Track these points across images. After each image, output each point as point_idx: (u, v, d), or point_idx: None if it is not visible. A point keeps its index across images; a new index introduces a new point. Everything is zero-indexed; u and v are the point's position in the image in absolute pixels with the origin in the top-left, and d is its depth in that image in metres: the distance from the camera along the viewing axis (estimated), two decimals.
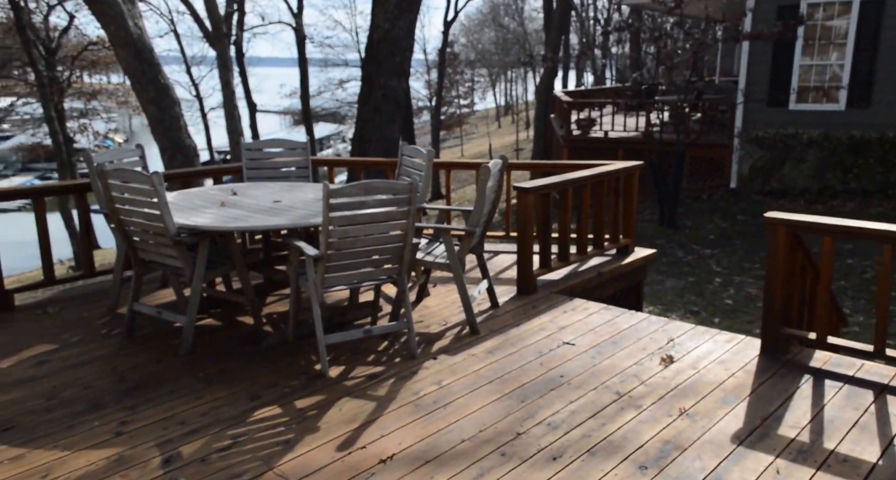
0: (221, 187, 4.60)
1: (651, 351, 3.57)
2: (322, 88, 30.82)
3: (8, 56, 25.36)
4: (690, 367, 3.39)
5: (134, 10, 9.86)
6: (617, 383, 3.21)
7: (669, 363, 3.42)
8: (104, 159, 4.32)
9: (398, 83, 7.18)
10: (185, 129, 10.58)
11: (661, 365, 3.40)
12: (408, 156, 4.66)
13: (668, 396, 3.08)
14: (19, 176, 38.02)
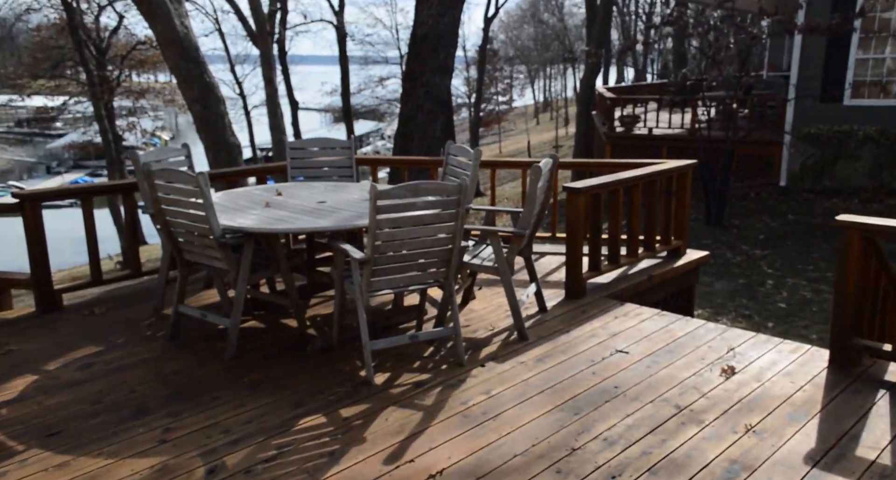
0: (266, 187, 4.53)
1: (710, 361, 3.36)
2: (362, 86, 30.95)
3: (61, 56, 26.11)
4: (754, 379, 3.17)
5: (180, 9, 9.95)
6: (676, 395, 3.02)
7: (731, 374, 3.21)
8: (150, 159, 4.29)
9: (441, 80, 7.04)
10: (229, 127, 10.65)
11: (723, 377, 3.19)
12: (453, 155, 4.52)
13: (732, 411, 2.88)
14: (71, 172, 39.24)
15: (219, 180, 5.06)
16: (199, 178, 3.37)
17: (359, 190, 4.42)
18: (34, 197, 4.06)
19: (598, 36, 15.17)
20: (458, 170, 4.45)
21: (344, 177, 5.04)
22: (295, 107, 23.99)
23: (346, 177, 5.04)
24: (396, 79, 30.79)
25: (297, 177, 4.98)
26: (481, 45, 27.71)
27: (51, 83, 28.19)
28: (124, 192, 4.54)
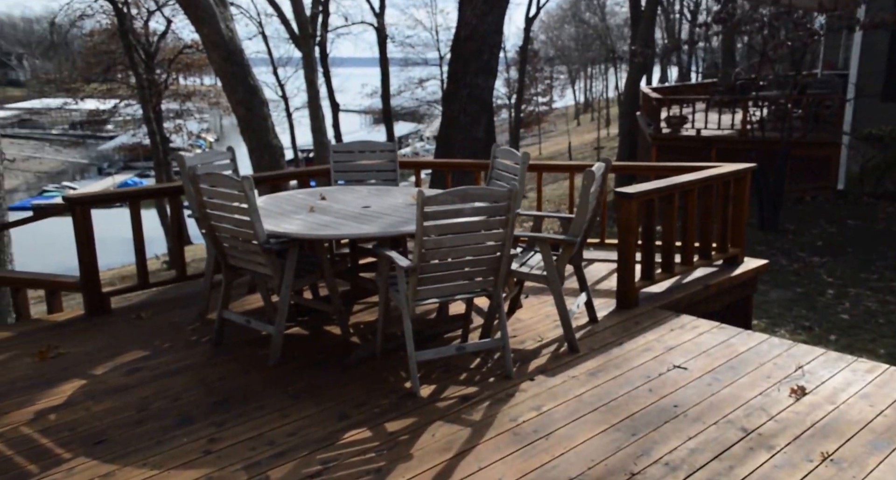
0: (310, 191, 4.49)
1: (778, 380, 3.15)
2: (402, 87, 31.04)
3: (112, 60, 26.92)
4: (827, 401, 2.95)
5: (226, 13, 10.07)
6: (741, 417, 2.83)
7: (801, 395, 3.00)
8: (196, 162, 4.29)
9: (485, 82, 6.92)
10: (272, 130, 10.74)
11: (792, 398, 2.98)
12: (500, 159, 4.39)
13: (805, 436, 2.67)
14: (121, 173, 40.46)
15: (263, 183, 5.04)
16: (244, 183, 3.32)
17: (403, 194, 4.33)
18: (84, 200, 4.10)
19: (644, 34, 14.81)
20: (504, 173, 4.33)
21: (387, 181, 4.96)
22: (336, 109, 24.17)
23: (389, 180, 4.96)
24: (436, 80, 30.80)
25: (339, 180, 4.93)
26: (522, 46, 27.47)
27: (103, 87, 29.11)
28: (170, 196, 4.56)
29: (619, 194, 3.93)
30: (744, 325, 4.20)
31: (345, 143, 4.96)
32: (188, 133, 33.94)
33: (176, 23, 24.15)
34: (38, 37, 45.85)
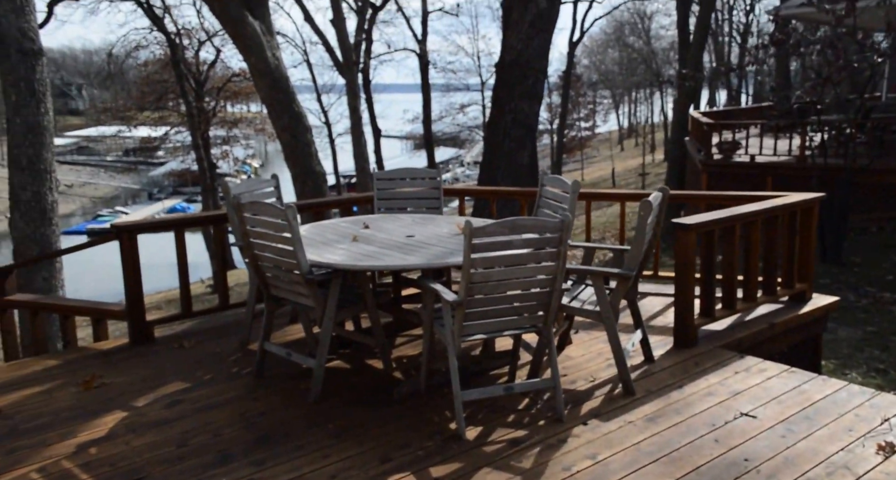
0: (353, 219, 4.43)
1: (861, 434, 2.89)
2: (443, 113, 31.29)
3: (164, 89, 27.99)
4: None
5: (272, 42, 10.29)
6: (822, 476, 2.58)
7: (890, 453, 2.73)
8: (241, 190, 4.29)
9: (530, 107, 6.83)
10: (315, 156, 10.86)
11: (880, 455, 2.71)
12: (548, 187, 4.26)
13: None
14: (170, 198, 41.80)
15: (306, 211, 5.02)
16: (287, 212, 3.28)
17: (447, 223, 4.24)
18: (130, 228, 4.13)
19: (695, 57, 14.55)
20: (553, 202, 4.19)
21: (431, 209, 4.88)
22: (378, 135, 24.48)
23: (433, 208, 4.87)
24: (477, 105, 30.96)
25: (382, 208, 4.88)
26: (565, 70, 27.42)
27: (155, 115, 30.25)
28: (215, 224, 4.57)
29: (677, 225, 3.74)
30: (812, 368, 3.92)
31: (388, 171, 4.92)
32: (234, 159, 34.89)
33: (225, 52, 24.99)
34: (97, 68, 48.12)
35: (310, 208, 5.07)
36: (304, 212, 5.04)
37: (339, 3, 15.49)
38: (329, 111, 27.23)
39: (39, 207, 5.68)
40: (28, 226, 5.68)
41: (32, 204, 5.64)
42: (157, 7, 22.24)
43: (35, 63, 5.43)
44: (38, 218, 5.70)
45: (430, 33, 24.57)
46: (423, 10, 23.75)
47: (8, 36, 5.31)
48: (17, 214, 5.66)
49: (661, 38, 34.95)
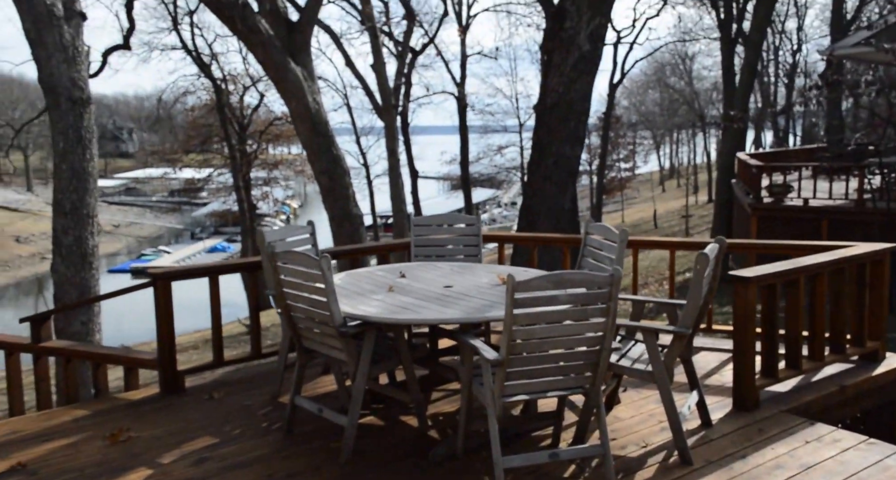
0: (389, 268, 4.33)
1: None
2: (481, 154, 31.46)
3: (209, 132, 28.99)
4: None
5: (314, 86, 10.51)
6: None
7: None
8: (275, 238, 4.24)
9: (572, 150, 6.72)
10: (352, 199, 10.92)
11: None
12: (594, 235, 4.09)
13: None
14: (211, 238, 42.81)
15: (342, 257, 4.95)
16: (322, 262, 3.19)
17: (487, 272, 4.09)
18: (166, 275, 4.10)
19: (740, 100, 14.31)
20: (598, 252, 4.02)
21: (469, 256, 4.75)
22: (415, 176, 24.69)
23: (471, 255, 4.74)
24: (515, 147, 31.07)
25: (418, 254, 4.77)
26: (605, 112, 27.40)
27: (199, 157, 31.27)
28: (249, 270, 4.52)
29: (736, 278, 3.52)
30: (891, 438, 3.58)
31: (426, 217, 4.83)
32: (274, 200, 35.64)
33: (268, 96, 25.79)
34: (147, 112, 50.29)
35: (347, 254, 5.00)
36: (339, 259, 4.97)
37: (380, 48, 15.86)
38: (367, 153, 27.65)
39: (80, 251, 5.75)
40: (68, 269, 5.75)
41: (74, 248, 5.72)
42: (206, 54, 23.22)
43: (83, 111, 5.59)
44: (79, 262, 5.77)
45: (468, 76, 24.96)
46: (461, 53, 24.18)
47: (59, 85, 5.49)
48: (58, 258, 5.74)
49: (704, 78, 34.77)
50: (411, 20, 19.92)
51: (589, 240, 4.13)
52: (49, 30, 5.39)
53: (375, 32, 15.49)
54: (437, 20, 23.13)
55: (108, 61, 15.71)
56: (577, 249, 4.16)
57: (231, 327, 22.32)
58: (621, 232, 3.79)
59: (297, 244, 4.39)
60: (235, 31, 10.31)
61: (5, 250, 38.30)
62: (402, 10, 20.09)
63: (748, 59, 14.38)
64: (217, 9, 9.68)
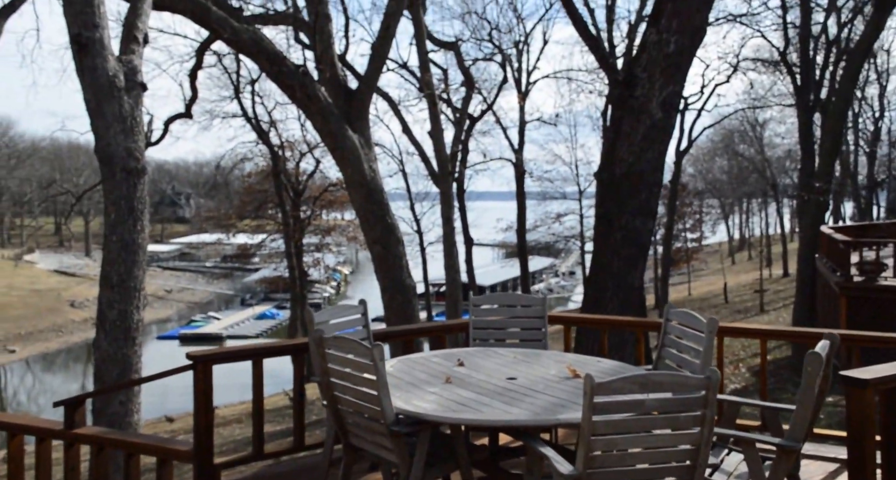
0: (446, 353, 4.07)
1: None
2: (538, 222, 31.28)
3: (264, 198, 29.94)
4: None
5: (370, 154, 10.66)
6: None
7: None
8: (325, 319, 4.08)
9: (643, 224, 6.44)
10: (406, 269, 10.80)
11: None
12: (675, 323, 3.76)
13: None
14: (261, 304, 43.49)
15: (394, 339, 4.73)
16: (374, 352, 2.98)
17: (555, 363, 3.78)
18: (207, 358, 3.96)
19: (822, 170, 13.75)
20: (680, 341, 3.68)
21: (533, 341, 4.45)
22: (470, 244, 24.63)
23: (535, 340, 4.44)
24: (574, 215, 30.80)
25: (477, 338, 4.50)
26: (672, 180, 27.00)
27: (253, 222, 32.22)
28: (295, 354, 4.34)
29: (849, 380, 3.10)
30: None
31: (486, 296, 4.59)
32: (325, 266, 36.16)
33: (324, 163, 26.55)
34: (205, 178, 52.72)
35: (398, 336, 4.78)
36: (391, 340, 4.75)
37: (438, 115, 16.17)
38: (421, 219, 27.86)
39: (124, 326, 5.73)
40: (111, 345, 5.71)
41: (118, 323, 5.71)
42: (265, 122, 24.25)
43: (137, 181, 5.70)
44: (122, 337, 5.73)
45: (526, 142, 25.16)
46: (520, 120, 24.49)
47: (115, 156, 5.63)
48: (101, 334, 5.73)
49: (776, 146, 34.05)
50: (470, 87, 20.38)
51: (669, 327, 3.79)
52: (109, 101, 5.59)
53: (434, 99, 15.84)
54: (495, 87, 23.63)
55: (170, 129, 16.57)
56: (647, 333, 3.82)
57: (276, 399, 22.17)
58: (709, 320, 3.46)
59: (348, 325, 4.21)
60: (295, 100, 10.67)
61: (60, 315, 39.76)
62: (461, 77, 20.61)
63: (831, 128, 13.79)
64: (277, 78, 10.06)
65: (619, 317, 5.44)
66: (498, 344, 4.45)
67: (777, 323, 19.72)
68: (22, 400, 29.30)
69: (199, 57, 13.93)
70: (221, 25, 9.27)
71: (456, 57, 20.01)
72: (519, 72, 24.10)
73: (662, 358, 3.81)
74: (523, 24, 23.88)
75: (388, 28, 10.90)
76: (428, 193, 28.88)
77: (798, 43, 14.47)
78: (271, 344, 4.25)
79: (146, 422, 21.78)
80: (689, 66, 6.32)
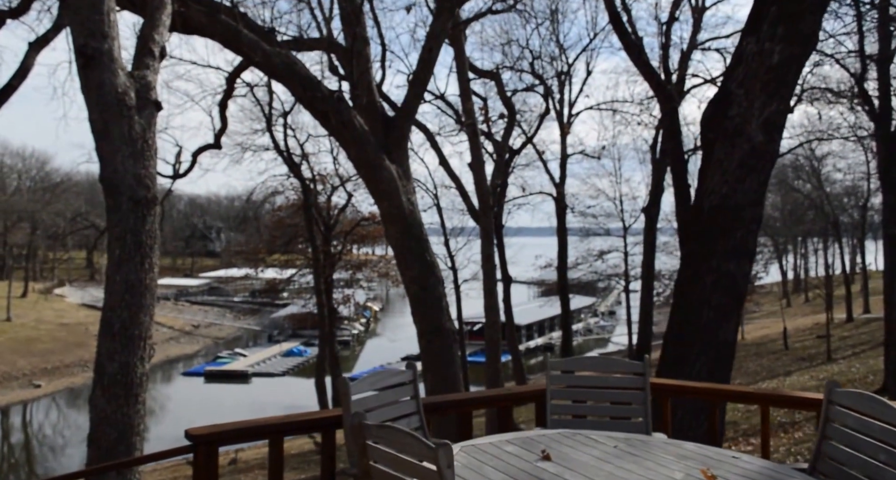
0: (524, 439, 3.14)
1: None
2: (579, 259, 30.15)
3: (294, 233, 29.45)
4: None
5: (408, 186, 9.88)
6: None
7: None
8: (365, 388, 3.19)
9: (738, 267, 5.47)
10: (446, 311, 9.92)
11: None
12: (845, 408, 2.79)
13: None
14: (289, 341, 42.79)
15: (451, 411, 3.81)
16: (439, 454, 2.09)
17: (675, 458, 2.82)
18: (210, 439, 3.10)
19: None
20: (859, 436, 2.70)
21: (632, 420, 3.50)
22: (508, 282, 23.61)
23: (635, 418, 3.49)
24: (618, 252, 29.64)
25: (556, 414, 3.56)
26: None
27: (282, 257, 31.73)
28: (324, 429, 3.45)
29: None
30: None
31: (570, 360, 3.65)
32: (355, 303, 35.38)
33: (356, 196, 26.00)
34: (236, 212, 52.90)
35: (455, 408, 3.86)
36: (445, 412, 3.84)
37: (479, 146, 15.43)
38: (456, 256, 26.96)
39: (125, 382, 4.92)
40: (109, 404, 4.90)
41: (118, 377, 4.90)
42: (296, 155, 23.84)
43: (146, 213, 4.96)
44: (122, 394, 4.92)
45: (567, 176, 24.27)
46: (562, 153, 23.66)
47: (122, 183, 4.91)
48: (98, 389, 4.93)
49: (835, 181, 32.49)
50: (512, 117, 19.68)
51: (835, 413, 2.82)
52: (117, 121, 4.90)
53: (475, 130, 15.12)
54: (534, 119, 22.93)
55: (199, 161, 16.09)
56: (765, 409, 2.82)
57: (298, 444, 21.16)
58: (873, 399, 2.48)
59: (395, 397, 3.33)
60: (328, 127, 10.00)
61: (87, 349, 39.72)
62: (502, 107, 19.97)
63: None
64: (311, 104, 9.41)
65: (738, 388, 4.44)
66: (584, 422, 3.51)
67: (850, 373, 18.13)
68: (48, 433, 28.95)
69: (229, 85, 13.46)
70: (252, 49, 8.69)
71: (497, 86, 19.37)
72: (561, 103, 23.38)
73: (824, 455, 2.82)
74: (566, 55, 23.19)
75: (431, 50, 10.23)
76: (463, 229, 28.06)
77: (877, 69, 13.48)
78: (293, 419, 3.37)
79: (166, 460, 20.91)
80: (797, 80, 5.41)
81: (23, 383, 34.15)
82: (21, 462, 25.61)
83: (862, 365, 19.16)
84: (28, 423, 30.41)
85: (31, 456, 26.08)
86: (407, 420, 3.32)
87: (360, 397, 3.12)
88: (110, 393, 4.91)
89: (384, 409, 3.23)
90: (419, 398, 3.41)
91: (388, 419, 3.19)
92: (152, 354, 5.24)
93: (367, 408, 3.13)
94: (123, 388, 4.93)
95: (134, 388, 4.99)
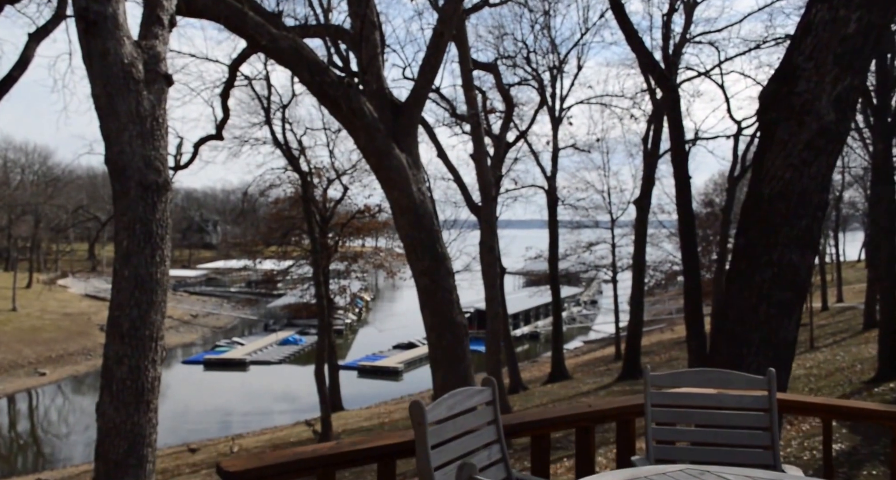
0: (632, 475, 2.39)
1: None
2: (568, 251, 29.55)
3: (291, 225, 28.54)
4: None
5: (418, 175, 9.09)
6: None
7: None
8: (443, 414, 2.42)
9: (801, 258, 4.77)
10: (457, 304, 9.17)
11: None
12: None
13: None
14: (285, 330, 41.82)
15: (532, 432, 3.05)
16: None
17: None
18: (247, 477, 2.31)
19: None
20: None
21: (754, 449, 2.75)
22: (502, 273, 22.92)
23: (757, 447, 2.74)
24: (606, 243, 29.09)
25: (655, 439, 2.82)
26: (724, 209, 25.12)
27: (279, 249, 30.79)
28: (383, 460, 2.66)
29: None
30: None
31: (674, 374, 2.88)
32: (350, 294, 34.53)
33: (351, 190, 25.20)
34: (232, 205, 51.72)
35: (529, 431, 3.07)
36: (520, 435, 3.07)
37: (482, 136, 14.66)
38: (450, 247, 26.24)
39: (135, 387, 4.12)
40: (118, 412, 4.10)
41: (128, 382, 4.10)
42: (294, 148, 22.89)
43: (157, 200, 4.14)
44: (133, 401, 4.12)
45: (558, 169, 23.57)
46: (553, 147, 22.92)
47: (130, 166, 4.09)
48: (106, 396, 4.12)
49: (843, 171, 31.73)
50: (510, 109, 18.91)
51: None
52: (124, 96, 4.08)
53: (478, 120, 14.33)
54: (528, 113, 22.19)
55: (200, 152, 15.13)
56: None
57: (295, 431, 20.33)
58: None
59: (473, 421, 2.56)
60: (337, 115, 9.15)
61: (89, 338, 38.68)
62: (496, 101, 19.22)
63: None
64: (319, 91, 8.58)
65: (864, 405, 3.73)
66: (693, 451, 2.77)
67: (836, 361, 17.61)
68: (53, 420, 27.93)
69: (232, 74, 12.51)
70: (259, 32, 7.82)
71: (495, 79, 18.59)
72: (553, 98, 22.63)
73: None
74: (558, 50, 22.40)
75: (442, 35, 9.39)
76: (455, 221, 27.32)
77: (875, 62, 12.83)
78: (346, 449, 2.57)
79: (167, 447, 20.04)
80: (875, 52, 4.71)
81: (28, 371, 33.25)
82: (29, 445, 24.98)
83: (846, 353, 18.66)
84: (34, 409, 29.67)
85: (38, 441, 25.44)
86: (488, 451, 2.56)
87: (435, 428, 2.35)
88: (119, 400, 4.09)
89: (463, 440, 2.47)
90: (500, 423, 2.64)
91: (466, 451, 2.44)
92: (164, 356, 4.43)
93: (441, 440, 2.37)
94: (134, 395, 4.12)
95: (145, 394, 4.18)
